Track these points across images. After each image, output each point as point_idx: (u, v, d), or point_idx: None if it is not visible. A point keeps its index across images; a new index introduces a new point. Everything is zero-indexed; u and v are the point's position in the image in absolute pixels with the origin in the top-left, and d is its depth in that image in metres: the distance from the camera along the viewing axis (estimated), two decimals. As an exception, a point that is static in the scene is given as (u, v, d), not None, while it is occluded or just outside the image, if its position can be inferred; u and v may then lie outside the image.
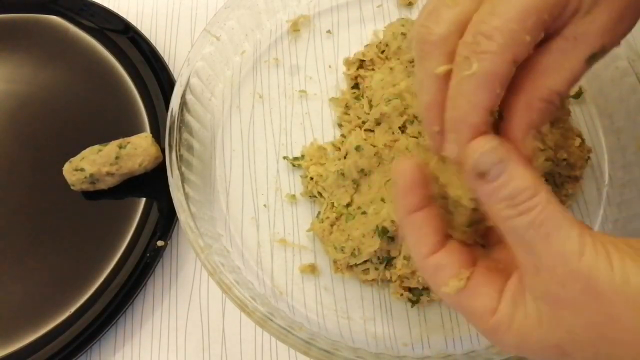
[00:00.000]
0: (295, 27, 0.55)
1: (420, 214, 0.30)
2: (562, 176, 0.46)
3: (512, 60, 0.27)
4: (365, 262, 0.44)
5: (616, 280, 0.25)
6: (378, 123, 0.47)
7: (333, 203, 0.46)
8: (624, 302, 0.25)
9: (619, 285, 0.25)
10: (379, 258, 0.44)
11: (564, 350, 0.27)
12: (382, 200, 0.44)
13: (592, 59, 0.29)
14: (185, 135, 0.47)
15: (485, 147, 0.26)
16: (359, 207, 0.44)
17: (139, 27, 0.56)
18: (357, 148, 0.46)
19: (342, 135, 0.50)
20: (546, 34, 0.28)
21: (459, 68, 0.27)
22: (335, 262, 0.45)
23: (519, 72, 0.28)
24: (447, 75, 0.28)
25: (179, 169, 0.45)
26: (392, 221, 0.42)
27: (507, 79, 0.27)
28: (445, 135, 0.28)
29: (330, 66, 0.54)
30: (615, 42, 0.29)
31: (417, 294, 0.44)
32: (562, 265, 0.25)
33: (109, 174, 0.48)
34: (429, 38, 0.28)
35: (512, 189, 0.26)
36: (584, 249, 0.25)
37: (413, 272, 0.43)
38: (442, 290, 0.29)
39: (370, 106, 0.49)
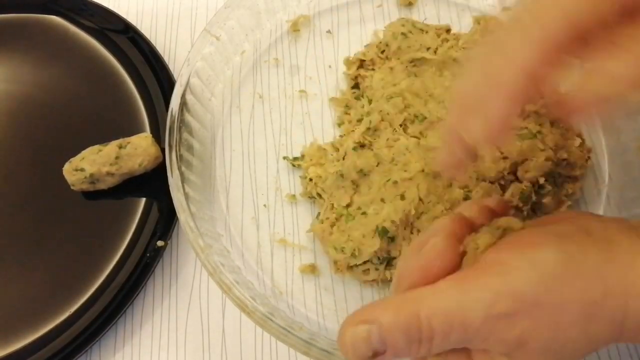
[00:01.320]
0: (295, 27, 0.55)
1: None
2: (562, 176, 0.46)
3: (569, 26, 0.26)
4: (365, 262, 0.44)
5: None
6: (378, 123, 0.47)
7: (333, 204, 0.46)
8: None
9: None
10: (379, 258, 0.44)
11: None
12: (382, 200, 0.44)
13: None
14: (185, 135, 0.47)
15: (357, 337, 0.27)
16: (358, 208, 0.44)
17: (139, 27, 0.56)
18: (355, 149, 0.46)
19: (341, 136, 0.50)
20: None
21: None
22: (335, 262, 0.45)
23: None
24: None
25: (179, 169, 0.45)
26: (392, 221, 0.42)
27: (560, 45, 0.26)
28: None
29: (330, 66, 0.54)
30: None
31: (417, 294, 0.44)
32: None
33: (109, 174, 0.48)
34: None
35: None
36: None
37: (413, 272, 0.43)
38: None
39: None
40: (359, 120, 0.49)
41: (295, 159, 0.50)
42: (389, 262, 0.44)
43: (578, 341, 0.28)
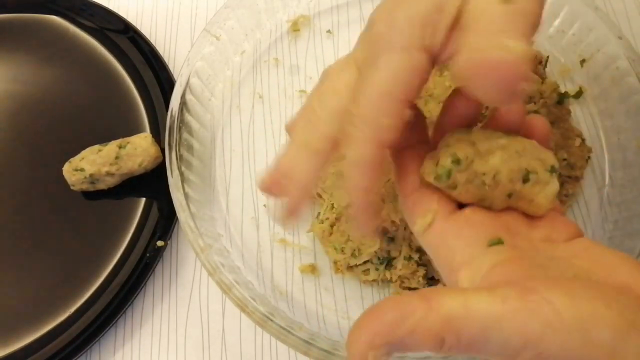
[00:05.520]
0: (295, 27, 0.55)
1: (408, 151, 0.31)
2: (562, 176, 0.46)
3: (379, 145, 0.28)
4: (365, 262, 0.44)
5: None
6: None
7: (333, 204, 0.46)
8: None
9: None
10: (379, 258, 0.44)
11: None
12: (382, 200, 0.44)
13: None
14: (185, 135, 0.47)
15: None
16: (359, 207, 0.44)
17: (138, 27, 0.56)
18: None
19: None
20: None
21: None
22: (335, 262, 0.45)
23: None
24: None
25: (179, 169, 0.45)
26: (392, 221, 0.42)
27: (377, 162, 0.28)
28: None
29: (330, 66, 0.54)
30: None
31: (417, 294, 0.44)
32: None
33: (108, 174, 0.48)
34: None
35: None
36: None
37: (413, 273, 0.43)
38: (413, 229, 0.30)
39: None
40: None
41: (295, 159, 0.50)
42: (389, 262, 0.44)
43: None
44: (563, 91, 0.49)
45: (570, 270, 0.26)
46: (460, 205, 0.30)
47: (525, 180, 0.29)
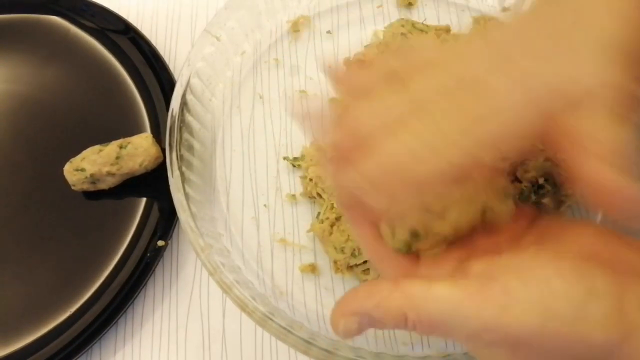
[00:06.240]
0: (295, 28, 0.55)
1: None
2: (562, 176, 0.46)
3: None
4: (365, 262, 0.44)
5: None
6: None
7: (333, 204, 0.46)
8: None
9: None
10: (379, 258, 0.44)
11: None
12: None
13: None
14: (185, 135, 0.47)
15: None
16: (359, 207, 0.44)
17: (139, 28, 0.56)
18: None
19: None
20: None
21: None
22: (335, 262, 0.45)
23: None
24: None
25: (180, 169, 0.45)
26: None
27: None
28: None
29: (330, 67, 0.54)
30: None
31: (417, 294, 0.44)
32: None
33: (109, 174, 0.48)
34: None
35: None
36: None
37: (413, 272, 0.43)
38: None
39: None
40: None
41: (295, 159, 0.50)
42: (389, 262, 0.44)
43: None
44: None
45: (535, 255, 0.28)
46: None
47: (483, 216, 0.30)
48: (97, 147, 0.49)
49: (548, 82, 0.26)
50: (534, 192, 0.44)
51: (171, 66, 0.55)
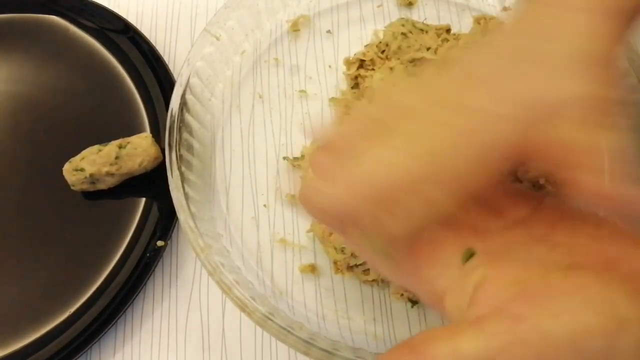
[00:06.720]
0: (295, 27, 0.55)
1: None
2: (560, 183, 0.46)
3: None
4: (365, 262, 0.44)
5: None
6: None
7: (333, 203, 0.46)
8: None
9: None
10: (379, 258, 0.44)
11: None
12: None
13: None
14: (185, 135, 0.47)
15: None
16: (359, 207, 0.44)
17: (139, 27, 0.56)
18: None
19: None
20: None
21: None
22: (335, 262, 0.45)
23: None
24: None
25: (179, 169, 0.45)
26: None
27: None
28: None
29: (330, 66, 0.54)
30: None
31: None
32: None
33: (108, 174, 0.48)
34: None
35: None
36: None
37: (413, 272, 0.43)
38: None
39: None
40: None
41: (295, 159, 0.50)
42: (389, 262, 0.44)
43: None
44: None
45: (549, 256, 0.27)
46: None
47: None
48: (96, 147, 0.49)
49: (524, 98, 0.26)
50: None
51: (171, 66, 0.55)
